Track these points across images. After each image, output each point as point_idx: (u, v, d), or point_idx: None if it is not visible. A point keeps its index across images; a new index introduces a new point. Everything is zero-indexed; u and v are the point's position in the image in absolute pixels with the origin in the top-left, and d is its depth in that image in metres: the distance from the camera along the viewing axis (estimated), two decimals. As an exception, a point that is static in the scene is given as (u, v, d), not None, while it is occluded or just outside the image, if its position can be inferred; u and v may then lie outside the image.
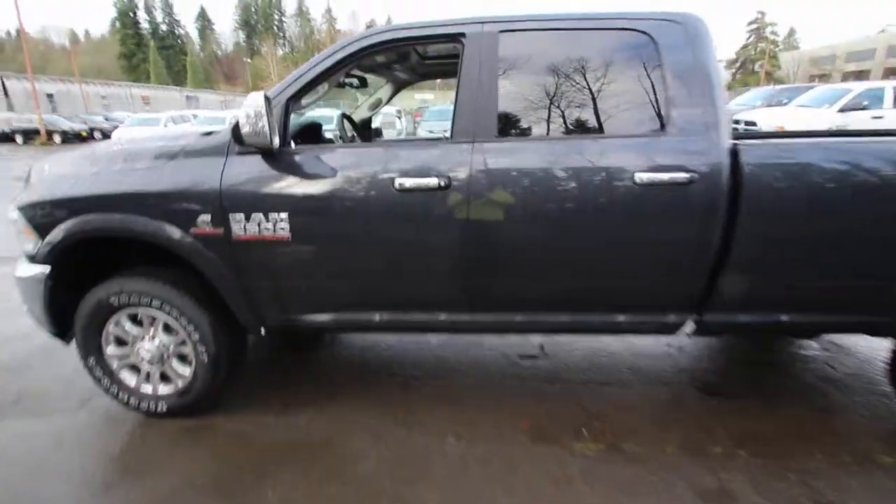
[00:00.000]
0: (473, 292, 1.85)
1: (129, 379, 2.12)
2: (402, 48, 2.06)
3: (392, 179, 1.73)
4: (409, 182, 1.72)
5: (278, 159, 1.79)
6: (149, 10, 75.09)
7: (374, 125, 3.27)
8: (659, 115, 1.69)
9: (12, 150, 19.33)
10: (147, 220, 1.80)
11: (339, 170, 1.76)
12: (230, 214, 1.78)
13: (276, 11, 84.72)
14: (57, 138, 21.41)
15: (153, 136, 2.43)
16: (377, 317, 1.93)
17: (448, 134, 1.78)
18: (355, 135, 2.90)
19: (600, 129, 1.75)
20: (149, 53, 67.43)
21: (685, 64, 1.68)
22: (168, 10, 76.98)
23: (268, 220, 1.77)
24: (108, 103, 41.61)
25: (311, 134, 2.35)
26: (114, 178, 1.86)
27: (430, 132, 13.52)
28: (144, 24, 74.43)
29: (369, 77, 2.77)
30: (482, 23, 1.76)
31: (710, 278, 1.75)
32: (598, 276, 1.78)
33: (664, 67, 1.69)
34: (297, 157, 1.81)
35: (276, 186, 1.77)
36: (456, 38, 1.78)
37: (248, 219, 1.78)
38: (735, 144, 1.67)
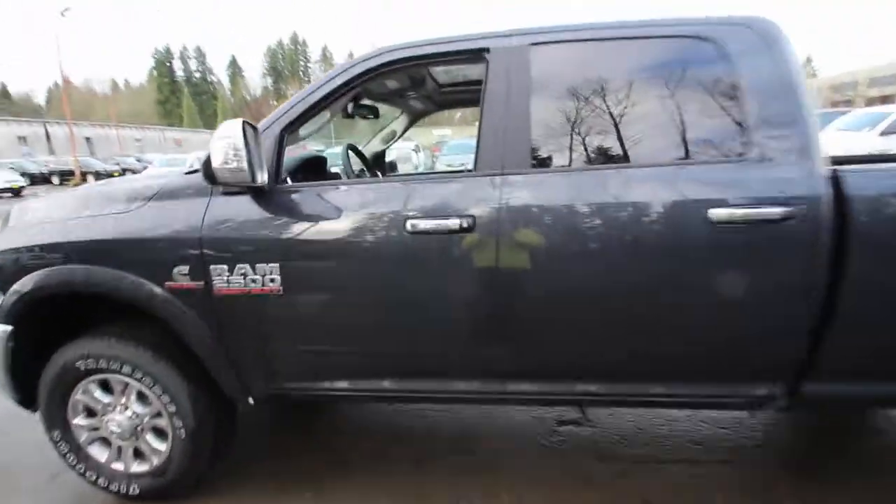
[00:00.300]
0: (504, 357, 1.49)
1: (100, 454, 1.81)
2: (415, 70, 1.82)
3: (403, 220, 1.43)
4: (423, 223, 1.41)
5: (269, 199, 1.51)
6: (184, 60, 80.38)
7: (387, 159, 3.03)
8: (737, 137, 1.37)
9: (48, 189, 20.21)
10: (114, 273, 1.53)
11: (340, 210, 1.48)
12: (211, 265, 1.50)
13: (301, 58, 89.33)
14: (91, 179, 22.35)
15: (138, 175, 2.21)
16: (387, 385, 1.59)
17: (470, 167, 1.48)
18: (364, 169, 2.64)
19: (658, 157, 1.43)
20: (182, 99, 71.46)
21: (764, 74, 1.36)
22: (201, 59, 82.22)
23: (255, 272, 1.48)
24: (142, 146, 43.89)
25: (315, 169, 2.10)
26: (83, 224, 1.61)
27: (449, 166, 13.40)
28: (179, 73, 79.47)
29: (381, 108, 2.54)
30: (509, 35, 1.49)
31: (812, 339, 1.36)
32: (668, 337, 1.41)
33: (739, 80, 1.37)
34: (292, 197, 1.54)
35: (266, 231, 1.49)
36: (478, 54, 1.52)
37: (231, 270, 1.49)
38: (835, 171, 1.32)
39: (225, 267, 1.49)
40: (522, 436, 2.17)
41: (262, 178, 1.42)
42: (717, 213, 1.31)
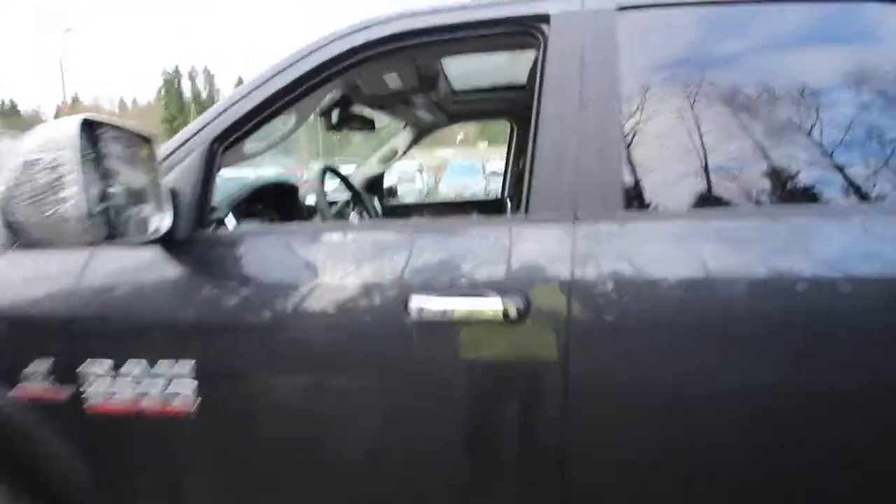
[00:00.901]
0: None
1: None
2: (425, 56, 1.27)
3: (404, 298, 0.84)
4: (437, 304, 0.82)
5: (186, 254, 0.93)
6: (192, 79, 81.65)
7: (386, 184, 2.45)
8: None
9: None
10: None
11: (297, 276, 0.89)
12: (86, 361, 0.91)
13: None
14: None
15: None
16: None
17: (516, 205, 0.91)
18: (352, 201, 2.01)
19: (828, 193, 0.86)
20: (189, 117, 72.47)
21: None
22: (210, 79, 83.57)
23: (154, 374, 0.89)
24: (146, 163, 44.03)
25: (281, 201, 1.52)
26: None
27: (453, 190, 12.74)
28: (187, 93, 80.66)
29: (377, 119, 1.97)
30: None
31: None
32: (840, 480, 0.81)
33: None
34: (224, 251, 0.95)
35: (177, 307, 0.90)
36: (530, 26, 0.95)
37: (117, 368, 0.90)
38: None
39: (107, 364, 0.90)
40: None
41: (163, 222, 0.84)
42: None
